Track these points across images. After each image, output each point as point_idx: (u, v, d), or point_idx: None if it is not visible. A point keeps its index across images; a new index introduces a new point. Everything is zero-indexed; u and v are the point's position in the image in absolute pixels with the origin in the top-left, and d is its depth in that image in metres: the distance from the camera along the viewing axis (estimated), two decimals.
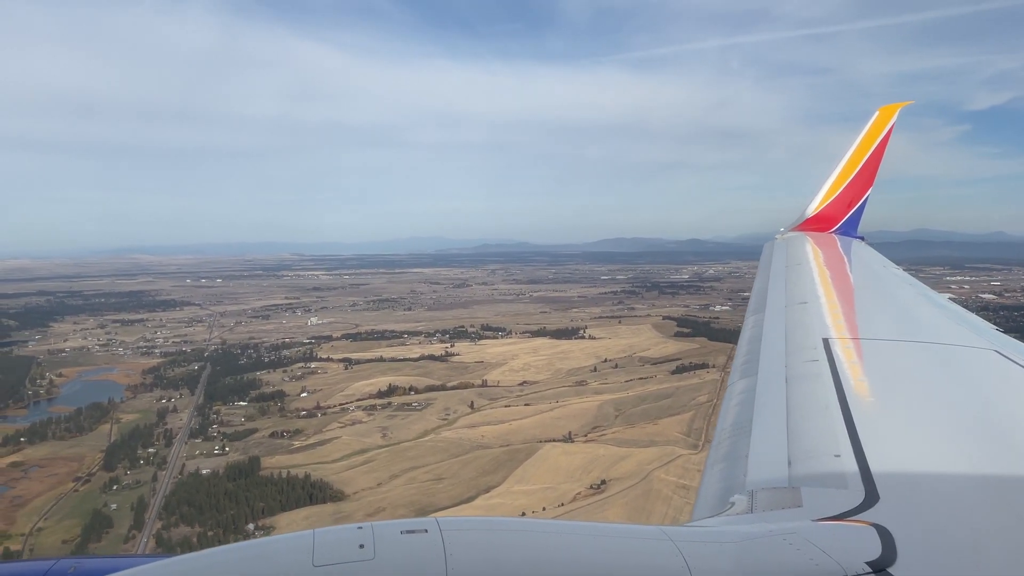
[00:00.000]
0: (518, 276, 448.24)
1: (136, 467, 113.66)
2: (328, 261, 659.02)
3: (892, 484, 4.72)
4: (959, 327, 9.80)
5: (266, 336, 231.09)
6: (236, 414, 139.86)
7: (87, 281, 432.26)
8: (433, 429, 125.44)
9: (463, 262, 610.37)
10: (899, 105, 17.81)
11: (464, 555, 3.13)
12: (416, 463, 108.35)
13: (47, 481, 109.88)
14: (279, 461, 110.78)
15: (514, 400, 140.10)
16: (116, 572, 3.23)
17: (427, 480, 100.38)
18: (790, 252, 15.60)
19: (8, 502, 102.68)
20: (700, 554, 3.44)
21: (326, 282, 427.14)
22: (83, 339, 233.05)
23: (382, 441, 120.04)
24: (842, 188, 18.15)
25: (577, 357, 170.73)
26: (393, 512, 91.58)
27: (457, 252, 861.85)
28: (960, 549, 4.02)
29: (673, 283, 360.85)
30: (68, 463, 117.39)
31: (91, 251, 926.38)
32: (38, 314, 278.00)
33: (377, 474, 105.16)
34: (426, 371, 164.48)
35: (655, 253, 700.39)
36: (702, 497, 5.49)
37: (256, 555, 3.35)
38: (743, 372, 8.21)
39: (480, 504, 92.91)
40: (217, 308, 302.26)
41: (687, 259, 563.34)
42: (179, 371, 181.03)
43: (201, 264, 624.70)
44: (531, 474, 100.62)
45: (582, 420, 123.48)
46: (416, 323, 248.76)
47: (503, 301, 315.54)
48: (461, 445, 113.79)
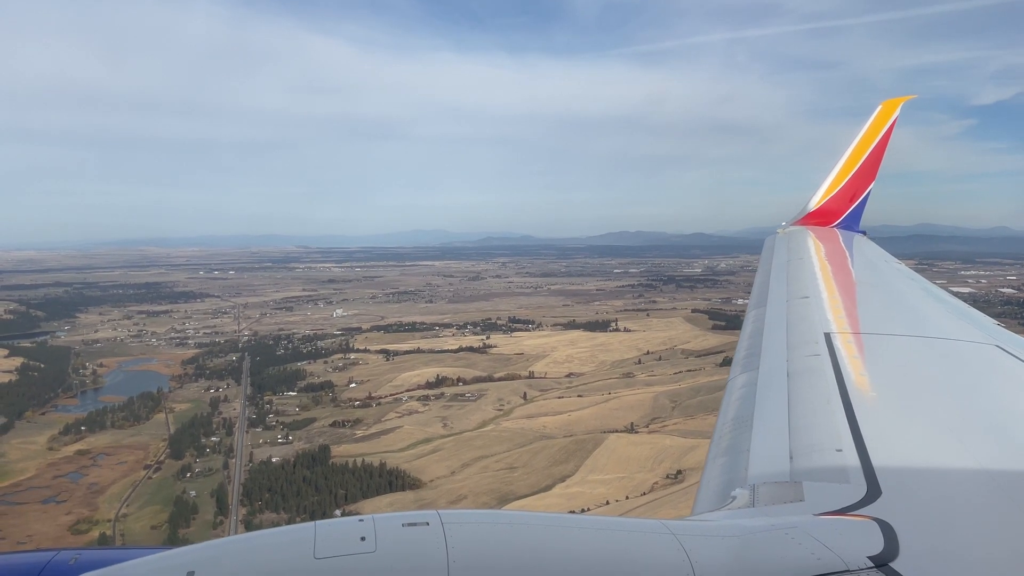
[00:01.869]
0: (530, 269, 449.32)
1: (203, 455, 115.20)
2: (335, 254, 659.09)
3: (894, 478, 4.75)
4: (960, 322, 9.85)
5: (295, 328, 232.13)
6: (289, 404, 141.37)
7: (100, 273, 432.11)
8: (491, 419, 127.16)
9: (470, 255, 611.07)
10: (902, 99, 17.72)
11: (465, 548, 3.18)
12: (484, 452, 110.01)
13: (118, 468, 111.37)
14: (346, 450, 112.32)
15: (565, 391, 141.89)
16: (117, 564, 3.31)
17: (500, 469, 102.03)
18: (791, 246, 15.57)
19: (85, 489, 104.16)
20: (702, 548, 3.48)
21: (339, 274, 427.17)
22: (113, 330, 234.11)
23: (443, 431, 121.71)
24: (844, 182, 18.04)
25: (618, 349, 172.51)
26: (476, 500, 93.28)
27: (462, 245, 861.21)
28: (962, 544, 4.05)
29: (688, 277, 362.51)
30: (133, 451, 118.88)
31: (95, 243, 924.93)
32: (60, 305, 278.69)
33: (448, 463, 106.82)
34: (469, 362, 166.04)
35: (661, 247, 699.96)
36: (703, 491, 5.51)
37: (258, 547, 3.43)
38: (744, 366, 8.25)
39: (559, 492, 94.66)
40: (238, 300, 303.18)
41: (694, 253, 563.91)
42: (218, 362, 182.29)
43: (209, 256, 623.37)
44: (602, 464, 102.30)
45: (640, 411, 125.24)
46: (441, 315, 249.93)
47: (522, 294, 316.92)
48: (524, 435, 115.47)
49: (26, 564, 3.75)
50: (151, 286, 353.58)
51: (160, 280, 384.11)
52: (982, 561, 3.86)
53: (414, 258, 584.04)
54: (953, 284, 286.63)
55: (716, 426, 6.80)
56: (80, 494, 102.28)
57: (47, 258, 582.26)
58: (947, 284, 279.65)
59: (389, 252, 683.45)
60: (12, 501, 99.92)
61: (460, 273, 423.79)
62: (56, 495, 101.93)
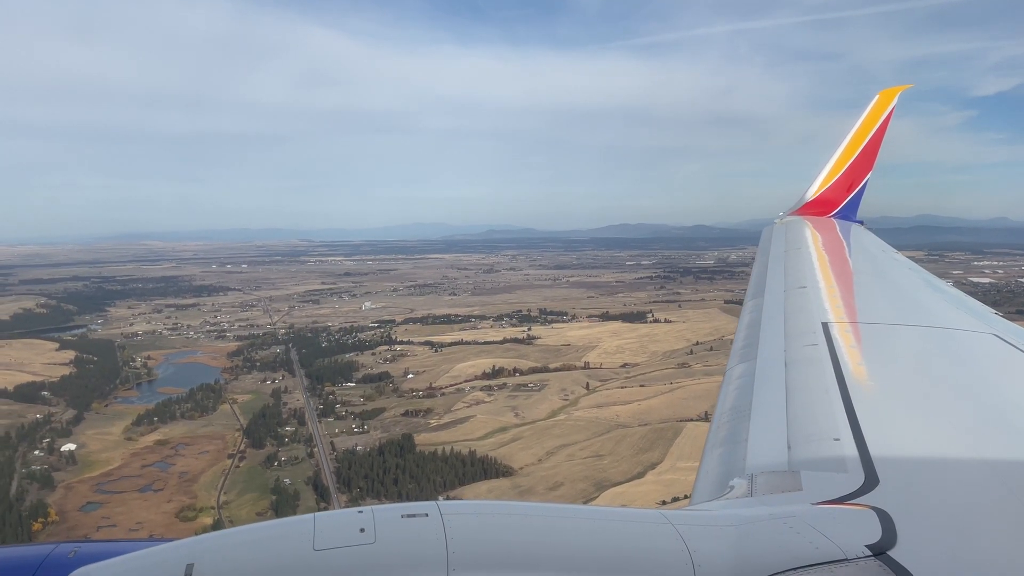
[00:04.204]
0: (542, 262, 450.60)
1: (284, 445, 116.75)
2: (341, 247, 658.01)
3: (892, 467, 4.76)
4: (958, 311, 9.85)
5: (327, 320, 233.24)
6: (351, 395, 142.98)
7: (112, 267, 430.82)
8: (559, 408, 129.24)
9: (476, 248, 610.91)
10: (899, 88, 17.61)
11: (464, 539, 3.21)
12: (564, 440, 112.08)
13: (202, 458, 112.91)
14: (427, 438, 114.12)
15: (625, 381, 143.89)
16: (116, 556, 3.32)
17: (587, 457, 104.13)
18: (789, 236, 15.57)
19: (177, 477, 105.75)
20: (700, 537, 3.51)
21: (352, 268, 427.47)
22: (147, 323, 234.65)
23: (516, 420, 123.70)
24: (841, 172, 17.96)
25: (666, 340, 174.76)
26: (573, 487, 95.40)
27: (464, 238, 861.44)
28: (960, 532, 4.07)
29: (704, 269, 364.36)
30: (211, 441, 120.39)
31: (95, 237, 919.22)
32: (87, 299, 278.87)
33: (532, 451, 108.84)
34: (519, 353, 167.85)
35: (665, 239, 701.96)
36: (701, 481, 5.52)
37: (257, 539, 3.44)
38: (742, 356, 8.25)
39: (652, 479, 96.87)
40: (260, 293, 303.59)
41: (700, 245, 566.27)
42: (264, 354, 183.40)
43: (215, 250, 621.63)
44: (688, 451, 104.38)
45: (708, 400, 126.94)
46: (470, 308, 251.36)
47: (542, 286, 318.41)
48: (600, 424, 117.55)
49: (26, 557, 3.79)
50: (168, 280, 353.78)
51: (175, 274, 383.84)
52: (980, 550, 3.89)
53: (420, 251, 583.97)
54: (970, 274, 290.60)
55: (714, 416, 6.88)
56: (174, 483, 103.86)
57: (52, 252, 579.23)
58: (964, 275, 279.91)
59: (394, 245, 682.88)
60: (109, 490, 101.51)
61: (472, 266, 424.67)
62: (151, 483, 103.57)
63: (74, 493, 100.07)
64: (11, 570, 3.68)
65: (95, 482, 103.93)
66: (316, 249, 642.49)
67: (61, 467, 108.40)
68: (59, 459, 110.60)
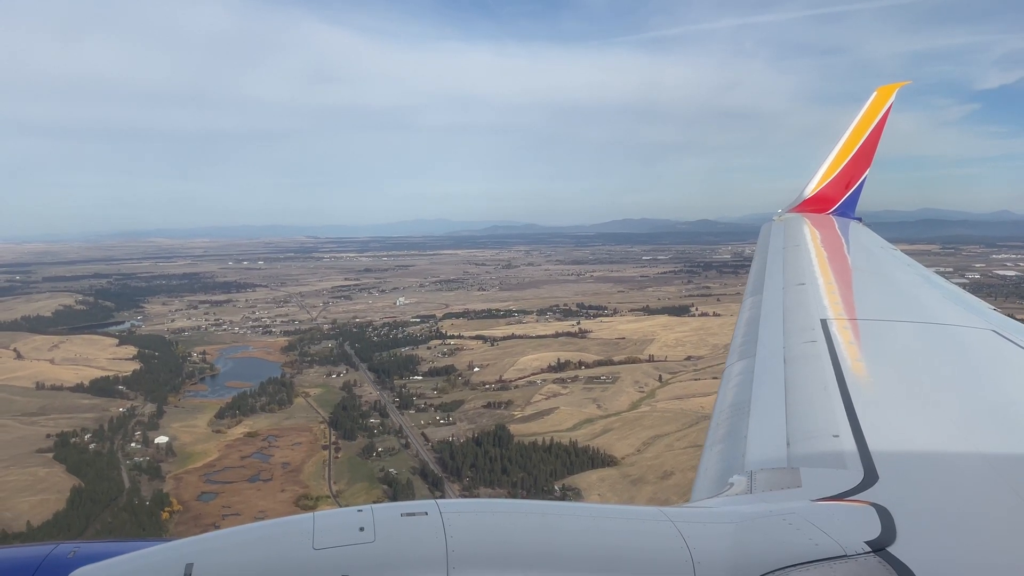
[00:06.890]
0: (558, 257, 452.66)
1: (375, 436, 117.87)
2: (351, 244, 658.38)
3: (891, 464, 4.77)
4: (956, 307, 9.89)
5: (366, 315, 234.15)
6: (422, 387, 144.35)
7: (130, 264, 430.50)
8: (639, 400, 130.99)
9: (484, 243, 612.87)
10: (897, 85, 17.62)
11: (464, 537, 3.23)
12: (657, 431, 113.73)
13: (297, 450, 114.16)
14: (517, 429, 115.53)
15: (697, 373, 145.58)
16: (115, 556, 3.34)
17: (685, 447, 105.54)
18: (788, 233, 15.61)
19: (280, 468, 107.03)
20: (699, 534, 3.52)
21: (370, 264, 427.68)
22: (187, 319, 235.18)
23: (600, 411, 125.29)
24: (840, 169, 17.92)
25: (722, 333, 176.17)
26: (684, 476, 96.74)
27: (469, 234, 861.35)
28: (959, 528, 4.08)
29: (725, 263, 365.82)
30: (299, 433, 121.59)
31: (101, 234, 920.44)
32: (120, 296, 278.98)
33: (628, 441, 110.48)
34: (578, 347, 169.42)
35: (672, 234, 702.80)
36: (701, 478, 5.53)
37: (257, 539, 3.45)
38: (741, 353, 8.26)
39: None
40: (288, 289, 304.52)
41: (707, 239, 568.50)
42: (316, 349, 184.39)
43: (225, 247, 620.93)
44: None
45: None
46: (503, 302, 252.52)
47: (566, 281, 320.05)
48: (687, 415, 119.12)
49: (25, 557, 3.77)
50: (191, 276, 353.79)
51: (195, 271, 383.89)
52: (979, 545, 3.90)
53: (431, 247, 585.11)
54: (992, 268, 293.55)
55: (713, 413, 6.87)
56: (279, 473, 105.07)
57: (62, 250, 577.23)
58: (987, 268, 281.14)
59: (401, 241, 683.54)
60: (219, 480, 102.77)
61: (488, 261, 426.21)
62: (258, 474, 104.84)
63: (184, 484, 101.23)
64: (11, 570, 3.68)
65: (200, 473, 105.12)
66: (325, 245, 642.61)
67: (162, 459, 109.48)
68: (157, 451, 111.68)
